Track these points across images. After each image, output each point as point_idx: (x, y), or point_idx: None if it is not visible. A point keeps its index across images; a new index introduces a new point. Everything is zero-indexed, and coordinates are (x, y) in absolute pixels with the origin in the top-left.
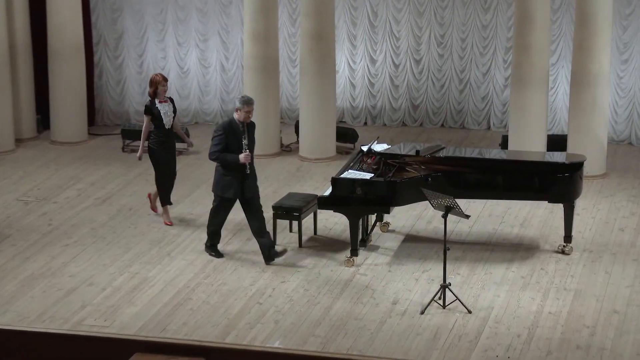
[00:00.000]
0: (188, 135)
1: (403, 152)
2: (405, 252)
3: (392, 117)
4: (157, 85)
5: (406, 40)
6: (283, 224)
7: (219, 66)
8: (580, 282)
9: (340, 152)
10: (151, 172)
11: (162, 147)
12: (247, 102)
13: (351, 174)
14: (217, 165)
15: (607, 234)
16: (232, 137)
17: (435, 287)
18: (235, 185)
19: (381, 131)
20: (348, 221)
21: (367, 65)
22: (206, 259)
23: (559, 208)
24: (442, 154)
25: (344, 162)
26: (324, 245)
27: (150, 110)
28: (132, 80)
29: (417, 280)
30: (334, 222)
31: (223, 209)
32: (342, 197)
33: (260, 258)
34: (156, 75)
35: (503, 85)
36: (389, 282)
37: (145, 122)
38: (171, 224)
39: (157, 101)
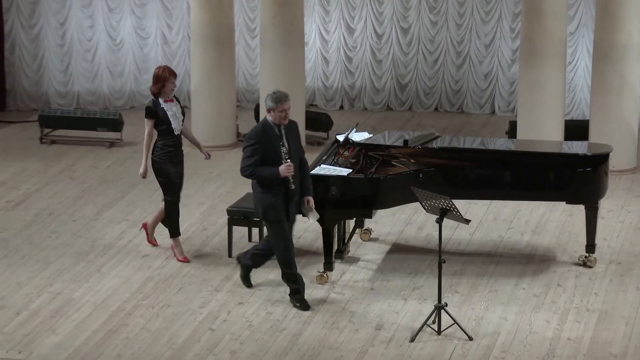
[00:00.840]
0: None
1: (388, 143)
2: (392, 265)
3: (374, 99)
4: (165, 82)
5: (391, 5)
6: (240, 231)
7: (160, 37)
8: (606, 301)
9: (310, 142)
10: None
11: (171, 160)
12: (280, 99)
13: (324, 169)
14: (253, 182)
15: (638, 242)
16: (267, 146)
17: (429, 308)
18: (280, 205)
19: (361, 117)
20: (320, 228)
21: (343, 36)
22: (145, 276)
23: (579, 210)
24: (436, 144)
25: (315, 155)
26: (188, 262)
27: (155, 113)
28: (52, 55)
29: (406, 300)
30: (302, 229)
31: (280, 236)
32: (314, 198)
33: (214, 274)
34: (162, 69)
35: (510, 59)
36: (372, 303)
37: (147, 129)
38: (188, 261)
39: (161, 101)
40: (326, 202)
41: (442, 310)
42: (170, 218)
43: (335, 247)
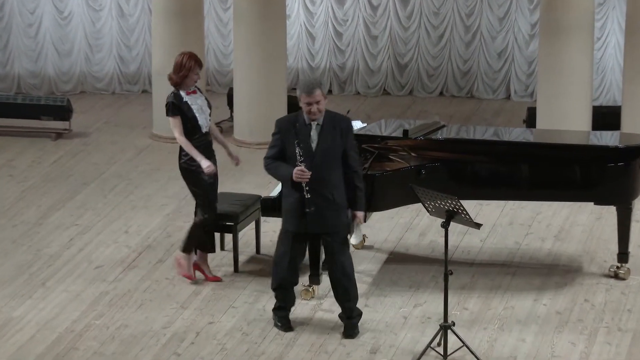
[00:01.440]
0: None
1: (384, 133)
2: (389, 277)
3: (368, 82)
4: (189, 72)
5: None
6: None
7: (116, 9)
8: None
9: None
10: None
11: (205, 182)
12: (305, 88)
13: None
14: None
15: None
16: (288, 139)
17: (433, 328)
18: (294, 213)
19: (353, 102)
20: None
21: (332, 7)
22: (98, 291)
23: (610, 213)
24: (441, 135)
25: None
26: (270, 269)
27: (179, 108)
28: None
29: (407, 319)
30: None
31: (281, 243)
32: None
33: (180, 288)
34: (187, 56)
35: (528, 35)
36: (366, 322)
37: (177, 129)
38: (220, 280)
39: (183, 93)
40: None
41: (449, 331)
42: (207, 231)
43: (322, 256)
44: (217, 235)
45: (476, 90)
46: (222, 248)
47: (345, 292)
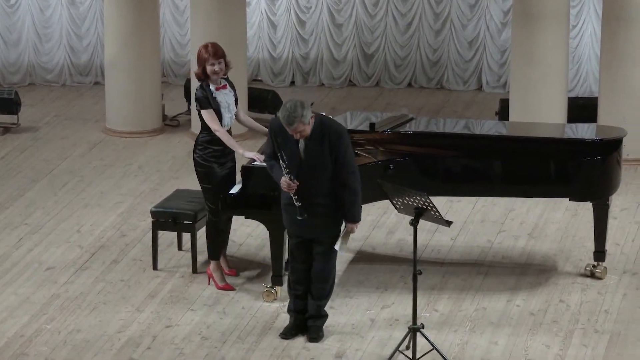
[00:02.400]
0: None
1: (350, 127)
2: (356, 277)
3: (333, 73)
4: (205, 64)
5: None
6: (168, 237)
7: None
8: (619, 320)
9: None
10: None
11: (217, 160)
12: (285, 123)
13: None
14: None
15: None
16: (284, 142)
17: (402, 331)
18: (288, 216)
19: (317, 94)
20: (268, 233)
21: None
22: (49, 293)
23: (586, 209)
24: (409, 128)
25: (260, 143)
26: (232, 290)
27: (208, 101)
28: None
29: (374, 321)
30: (246, 234)
31: (291, 245)
32: (259, 196)
33: (135, 290)
34: (203, 46)
35: (501, 23)
36: (331, 325)
37: (213, 123)
38: (233, 288)
39: (213, 88)
40: (275, 201)
41: (418, 333)
42: (219, 234)
43: (285, 256)
44: (174, 235)
45: (446, 81)
46: (180, 248)
47: (319, 290)
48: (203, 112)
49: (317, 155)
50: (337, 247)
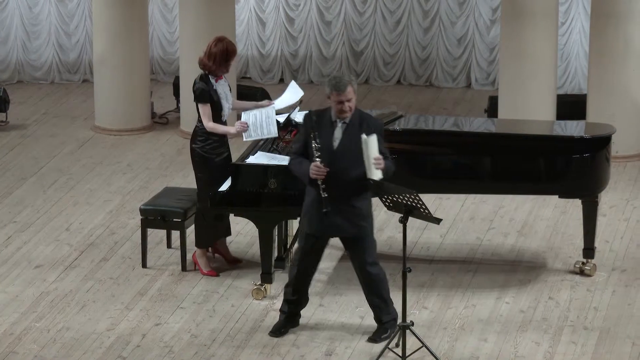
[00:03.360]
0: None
1: None
2: (345, 275)
3: (322, 70)
4: (231, 59)
5: None
6: (157, 235)
7: None
8: (609, 317)
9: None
10: None
11: (215, 150)
12: (336, 86)
13: (261, 157)
14: None
15: None
16: (310, 134)
17: (391, 328)
18: (313, 213)
19: (306, 92)
20: (257, 230)
21: None
22: (38, 291)
23: (575, 206)
24: (398, 125)
25: (250, 140)
26: (220, 267)
27: (209, 95)
28: None
29: (363, 319)
30: (235, 232)
31: (304, 249)
32: (248, 193)
33: (124, 288)
34: (229, 41)
35: (490, 20)
36: (321, 322)
37: (207, 118)
38: (216, 274)
39: (212, 79)
40: (264, 198)
41: (408, 331)
42: (208, 222)
43: (275, 253)
44: (163, 232)
45: (435, 78)
46: (169, 246)
47: (380, 298)
48: (200, 105)
49: (354, 143)
50: (374, 176)
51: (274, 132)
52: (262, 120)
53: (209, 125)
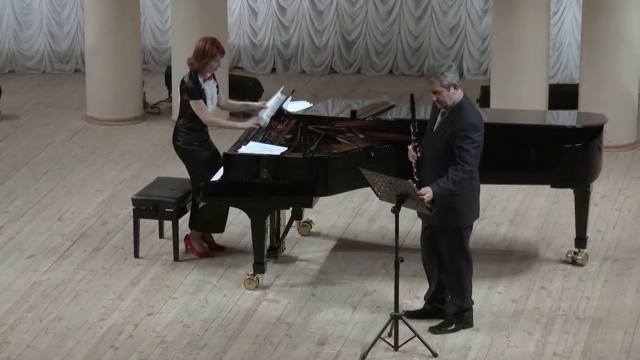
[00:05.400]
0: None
1: (331, 114)
2: (337, 265)
3: (314, 60)
4: (211, 60)
5: None
6: (150, 225)
7: None
8: (601, 306)
9: (235, 113)
10: None
11: (199, 139)
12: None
13: (252, 147)
14: None
15: (639, 234)
16: (431, 115)
17: (384, 318)
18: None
19: (298, 81)
20: (250, 220)
21: None
22: (30, 281)
23: (567, 196)
24: (390, 115)
25: (241, 131)
26: (212, 257)
27: (198, 92)
28: None
29: (356, 309)
30: (228, 222)
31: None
32: (240, 183)
33: (117, 278)
34: (211, 42)
35: (482, 10)
36: (313, 312)
37: (204, 113)
38: (212, 255)
39: (200, 79)
40: (256, 188)
41: (400, 320)
42: (195, 208)
43: (267, 243)
44: (156, 222)
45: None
46: (162, 236)
47: (448, 284)
48: (192, 102)
49: (441, 134)
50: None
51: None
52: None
53: (209, 119)
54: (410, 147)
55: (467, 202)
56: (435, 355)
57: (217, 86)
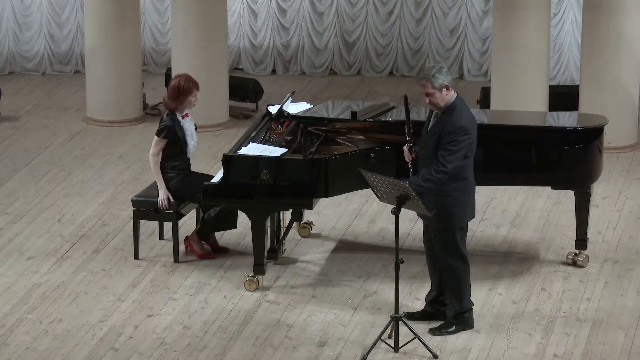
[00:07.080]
0: None
1: (332, 115)
2: (337, 266)
3: (314, 61)
4: (187, 96)
5: None
6: (150, 227)
7: None
8: (601, 308)
9: (235, 115)
10: None
11: (185, 175)
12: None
13: (253, 149)
14: None
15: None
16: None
17: (384, 319)
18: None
19: (298, 83)
20: (250, 222)
21: None
22: (30, 283)
23: (568, 197)
24: (391, 117)
25: (242, 131)
26: (212, 258)
27: (175, 133)
28: None
29: (356, 310)
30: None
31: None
32: (240, 185)
33: (116, 280)
34: (184, 79)
35: (482, 11)
36: (313, 314)
37: (156, 149)
38: (213, 257)
39: (179, 116)
40: (256, 189)
41: (400, 322)
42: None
43: (267, 245)
44: (156, 224)
45: None
46: (161, 237)
47: (444, 284)
48: (156, 138)
49: (431, 135)
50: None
51: None
52: None
53: (153, 159)
54: (405, 147)
55: (459, 203)
56: (435, 356)
57: (195, 124)
